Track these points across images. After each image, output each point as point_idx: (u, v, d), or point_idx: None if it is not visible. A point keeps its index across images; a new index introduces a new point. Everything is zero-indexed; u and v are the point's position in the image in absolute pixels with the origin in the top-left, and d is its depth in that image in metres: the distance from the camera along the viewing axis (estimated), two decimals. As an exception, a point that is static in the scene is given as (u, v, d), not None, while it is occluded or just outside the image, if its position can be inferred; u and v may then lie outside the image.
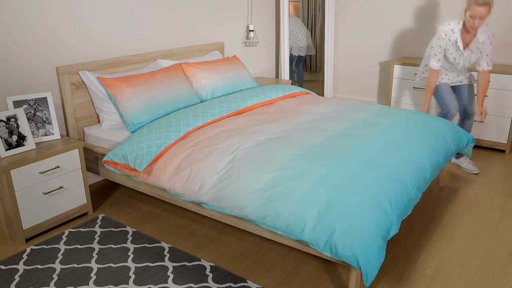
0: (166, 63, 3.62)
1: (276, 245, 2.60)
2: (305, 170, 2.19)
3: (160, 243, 2.59)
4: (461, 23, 3.26)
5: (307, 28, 6.97)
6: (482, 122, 3.92)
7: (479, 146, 4.21)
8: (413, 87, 4.42)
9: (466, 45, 3.30)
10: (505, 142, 3.99)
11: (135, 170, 2.66)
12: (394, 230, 1.95)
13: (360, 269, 1.78)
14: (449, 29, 3.28)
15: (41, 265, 2.39)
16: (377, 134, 2.66)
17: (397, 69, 4.46)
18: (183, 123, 2.82)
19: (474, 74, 4.00)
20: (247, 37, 4.78)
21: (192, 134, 2.77)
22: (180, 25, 3.91)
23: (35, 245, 2.59)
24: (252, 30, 4.71)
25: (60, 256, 2.47)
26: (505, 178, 3.48)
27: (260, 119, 3.03)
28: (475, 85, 3.92)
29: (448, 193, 3.23)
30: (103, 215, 2.94)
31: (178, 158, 2.54)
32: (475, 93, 3.95)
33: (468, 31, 3.24)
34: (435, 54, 3.38)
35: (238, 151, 2.45)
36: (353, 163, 2.26)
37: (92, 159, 3.10)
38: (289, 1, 4.97)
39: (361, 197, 1.99)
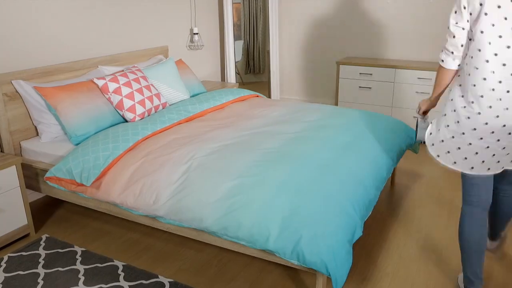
0: (108, 69, 3.43)
1: (236, 254, 2.52)
2: (265, 177, 2.13)
3: (113, 261, 2.43)
4: None
5: (249, 29, 6.95)
6: None
7: (423, 142, 4.37)
8: (359, 87, 4.50)
9: None
10: (447, 136, 4.17)
11: (82, 185, 2.48)
12: (359, 233, 1.94)
13: (329, 275, 1.75)
14: None
15: (-21, 297, 2.16)
16: (333, 135, 2.66)
17: (343, 69, 4.53)
18: (131, 132, 2.67)
19: None
20: (192, 40, 4.66)
21: (142, 143, 2.63)
22: (121, 29, 3.73)
23: (-29, 275, 2.33)
24: (197, 33, 4.60)
25: None
26: (450, 172, 3.62)
27: (212, 125, 2.94)
28: None
29: (400, 190, 3.31)
30: (47, 236, 2.71)
31: (129, 170, 2.39)
32: None
33: None
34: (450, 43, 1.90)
35: (193, 160, 2.35)
36: (313, 166, 2.23)
37: (31, 176, 2.86)
38: (232, 3, 4.91)
39: (324, 201, 1.96)
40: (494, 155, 1.85)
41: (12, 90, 2.86)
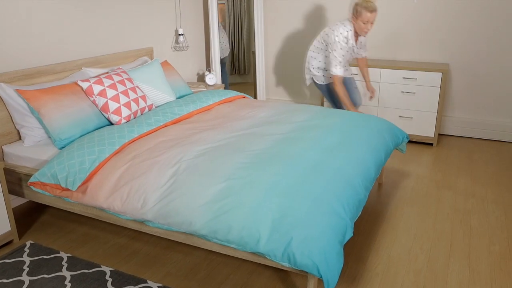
0: (92, 71, 3.37)
1: (225, 257, 2.50)
2: (253, 179, 2.11)
3: (101, 267, 2.39)
4: (351, 28, 3.56)
5: (234, 30, 6.92)
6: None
7: (409, 141, 4.41)
8: (345, 87, 4.51)
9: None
10: (432, 136, 4.21)
11: (67, 190, 2.43)
12: (349, 234, 1.94)
13: (321, 277, 1.74)
14: (344, 38, 3.56)
15: (-38, 307, 2.10)
16: (321, 136, 2.65)
17: (328, 70, 4.54)
18: (117, 135, 2.63)
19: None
20: (177, 42, 4.62)
21: (128, 146, 2.59)
22: (105, 30, 3.67)
23: (-48, 284, 2.27)
24: (182, 34, 4.56)
25: (-17, 294, 2.19)
26: (436, 171, 3.65)
27: (199, 127, 2.91)
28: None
29: (387, 189, 3.32)
30: (32, 242, 2.65)
31: (116, 174, 2.35)
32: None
33: (357, 34, 3.63)
34: (340, 62, 3.59)
35: (181, 163, 2.32)
36: (301, 167, 2.22)
37: (14, 181, 2.79)
38: (217, 4, 4.88)
39: (314, 202, 1.95)
40: None
41: (-7, 94, 2.79)
